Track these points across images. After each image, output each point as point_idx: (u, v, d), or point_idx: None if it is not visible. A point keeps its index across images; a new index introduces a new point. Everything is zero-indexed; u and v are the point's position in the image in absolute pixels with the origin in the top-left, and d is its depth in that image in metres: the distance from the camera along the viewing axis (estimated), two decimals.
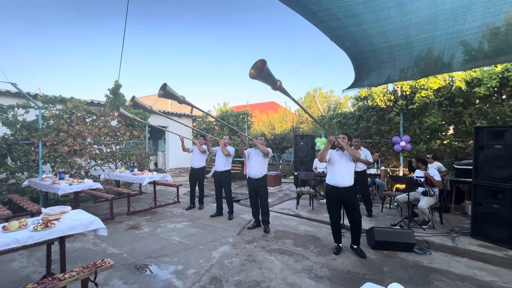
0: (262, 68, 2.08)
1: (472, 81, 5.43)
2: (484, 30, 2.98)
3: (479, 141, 3.82)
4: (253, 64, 2.16)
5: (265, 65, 2.07)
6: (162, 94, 2.50)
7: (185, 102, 2.66)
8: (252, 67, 2.16)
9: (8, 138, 5.44)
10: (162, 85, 2.50)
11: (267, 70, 2.08)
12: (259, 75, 2.09)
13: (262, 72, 2.06)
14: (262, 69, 2.06)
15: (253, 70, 2.15)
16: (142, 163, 7.73)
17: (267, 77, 2.14)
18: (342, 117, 7.66)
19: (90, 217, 2.52)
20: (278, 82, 2.24)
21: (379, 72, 4.27)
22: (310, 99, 16.76)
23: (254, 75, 2.14)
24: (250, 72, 2.17)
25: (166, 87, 2.49)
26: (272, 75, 2.19)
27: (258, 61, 2.15)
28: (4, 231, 2.12)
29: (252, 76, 2.16)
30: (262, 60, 2.13)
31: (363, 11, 2.73)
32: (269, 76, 2.14)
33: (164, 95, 2.51)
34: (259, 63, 2.13)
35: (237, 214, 5.17)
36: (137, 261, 3.22)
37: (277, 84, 2.22)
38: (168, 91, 2.50)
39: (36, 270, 3.01)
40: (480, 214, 3.73)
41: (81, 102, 6.46)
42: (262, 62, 2.11)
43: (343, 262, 3.19)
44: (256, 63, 2.15)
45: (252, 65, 2.17)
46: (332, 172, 3.42)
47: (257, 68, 2.13)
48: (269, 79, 2.18)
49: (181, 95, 2.64)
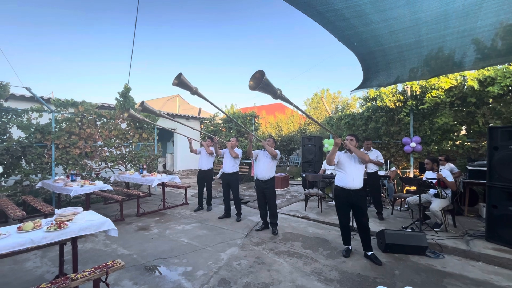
0: (260, 78, 2.08)
1: (485, 80, 5.29)
2: (497, 27, 2.90)
3: (493, 142, 3.71)
4: (251, 76, 2.17)
5: (263, 75, 2.08)
6: (177, 83, 2.57)
7: (198, 93, 2.71)
8: (251, 78, 2.17)
9: (22, 141, 5.61)
10: (177, 74, 2.58)
11: (266, 80, 2.08)
12: (259, 85, 2.10)
13: (261, 82, 2.07)
14: (261, 80, 2.07)
15: (252, 81, 2.16)
16: (151, 165, 7.83)
17: (266, 87, 2.15)
18: (351, 118, 7.57)
19: (101, 218, 2.56)
20: (278, 90, 2.24)
21: (388, 72, 4.21)
22: (318, 100, 16.68)
23: (253, 86, 2.14)
24: (249, 84, 2.18)
25: (180, 77, 2.55)
26: (272, 85, 2.19)
27: (256, 72, 2.16)
28: (19, 231, 2.18)
29: (251, 88, 2.16)
30: (260, 71, 2.14)
31: (371, 11, 2.70)
32: (268, 86, 2.15)
33: (178, 84, 2.57)
34: (257, 74, 2.14)
35: (245, 216, 5.17)
36: (146, 262, 3.25)
37: (277, 93, 2.23)
38: (182, 81, 2.57)
39: (49, 270, 3.08)
40: (495, 217, 3.62)
41: (92, 106, 6.60)
42: (260, 73, 2.12)
43: (353, 265, 3.14)
44: (254, 74, 2.16)
45: (250, 76, 2.17)
46: (341, 174, 3.38)
47: (256, 79, 2.14)
48: (269, 89, 2.19)
49: (194, 86, 2.69)
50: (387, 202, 5.84)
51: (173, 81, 2.63)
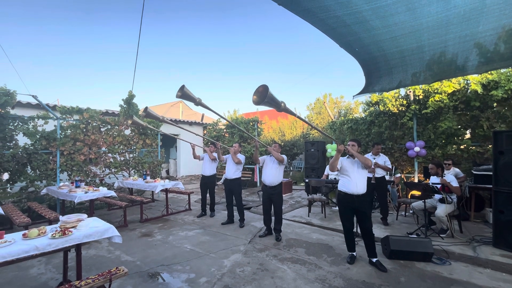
0: (265, 93, 2.09)
1: (488, 84, 5.27)
2: (499, 32, 2.90)
3: (499, 146, 3.68)
4: (255, 90, 2.17)
5: (267, 90, 2.08)
6: (180, 95, 2.59)
7: (201, 104, 2.74)
8: (254, 93, 2.17)
9: (28, 148, 5.68)
10: (181, 86, 2.60)
11: (270, 95, 2.09)
12: (263, 100, 2.10)
13: (265, 97, 2.08)
14: (265, 95, 2.07)
15: (256, 96, 2.16)
16: (154, 171, 7.86)
17: (271, 101, 2.16)
18: (353, 123, 7.56)
19: (105, 224, 2.58)
20: (282, 103, 2.25)
21: (391, 77, 4.21)
22: (320, 105, 16.68)
23: (257, 101, 2.15)
24: (253, 99, 2.18)
25: (184, 89, 2.58)
26: (275, 98, 2.20)
27: (259, 86, 2.17)
28: (24, 238, 2.20)
29: (256, 103, 2.17)
30: (263, 85, 2.15)
31: (372, 17, 2.72)
32: (272, 100, 2.16)
33: (182, 96, 2.60)
34: (260, 89, 2.15)
35: (248, 222, 5.15)
36: (149, 268, 3.24)
37: (281, 106, 2.24)
38: (185, 92, 2.60)
39: (53, 276, 3.08)
40: (502, 222, 3.56)
41: (96, 112, 6.68)
42: (263, 88, 2.13)
43: (358, 272, 3.10)
44: (257, 88, 2.16)
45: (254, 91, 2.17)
46: (344, 179, 3.37)
47: (260, 94, 2.14)
48: (273, 103, 2.19)
49: (198, 97, 2.71)
50: (391, 207, 5.78)
51: (177, 93, 2.66)
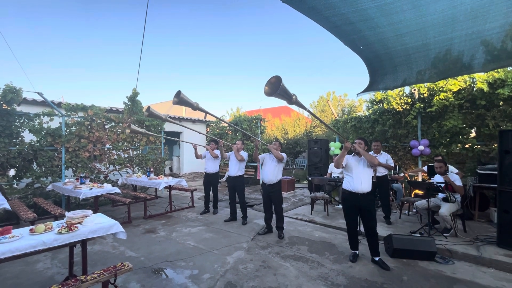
0: (277, 84, 2.04)
1: (495, 82, 5.20)
2: (507, 29, 2.86)
3: (504, 145, 3.64)
4: (267, 81, 2.12)
5: (280, 81, 2.03)
6: (177, 101, 2.57)
7: (199, 108, 2.72)
8: (266, 83, 2.12)
9: (34, 144, 5.75)
10: (176, 92, 2.56)
11: (282, 86, 2.03)
12: (275, 92, 2.04)
13: (278, 89, 2.02)
14: (278, 86, 2.02)
15: (268, 87, 2.11)
16: (157, 168, 7.91)
17: (283, 93, 2.10)
18: (357, 121, 7.52)
19: (110, 221, 2.61)
20: (294, 96, 2.20)
21: (395, 75, 4.18)
22: (324, 103, 16.60)
23: (269, 92, 2.10)
24: (265, 89, 2.13)
25: (180, 94, 2.55)
26: (288, 90, 2.14)
27: (272, 77, 2.11)
28: (31, 233, 2.24)
29: (267, 94, 2.11)
30: (276, 76, 2.09)
31: (377, 15, 2.69)
32: (284, 92, 2.10)
33: (179, 102, 2.57)
34: (273, 80, 2.09)
35: (251, 219, 5.17)
36: (153, 264, 3.28)
37: (292, 98, 2.19)
38: (182, 98, 2.57)
39: (59, 271, 3.14)
40: (507, 222, 3.54)
41: (101, 110, 6.74)
42: (276, 79, 2.07)
43: (360, 270, 3.11)
44: (270, 79, 2.11)
45: (266, 82, 2.12)
46: (349, 177, 3.36)
47: (272, 85, 2.09)
48: (285, 95, 2.14)
49: (195, 102, 2.69)
50: (394, 206, 5.76)
51: (173, 99, 2.60)
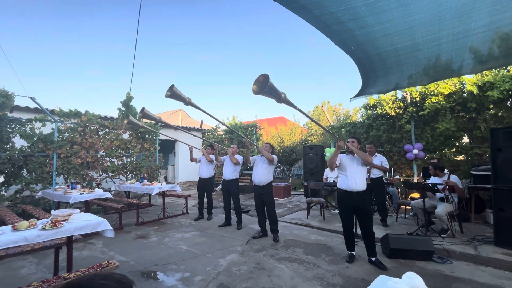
0: (265, 82, 2.04)
1: (484, 85, 5.31)
2: (492, 28, 2.94)
3: (496, 143, 3.67)
4: (255, 80, 2.11)
5: (268, 79, 2.03)
6: (169, 94, 2.56)
7: (191, 104, 2.71)
8: (255, 82, 2.12)
9: (24, 150, 5.65)
10: (170, 86, 2.56)
11: (270, 84, 2.04)
12: (263, 90, 2.05)
13: (265, 87, 2.03)
14: (266, 84, 2.02)
15: (256, 85, 2.11)
16: (152, 175, 7.79)
17: (271, 91, 2.10)
18: (351, 126, 7.58)
19: (97, 218, 2.52)
20: (283, 94, 2.20)
21: (387, 78, 4.23)
22: (319, 112, 16.75)
23: (257, 90, 2.10)
24: (253, 88, 2.13)
25: (173, 88, 2.55)
26: (276, 89, 2.14)
27: (260, 76, 2.11)
28: (13, 230, 2.15)
29: (255, 92, 2.11)
30: (264, 74, 2.09)
31: (366, 14, 2.75)
32: (272, 90, 2.10)
33: (171, 95, 2.56)
34: (261, 78, 2.09)
35: (246, 224, 5.06)
36: (143, 268, 3.16)
37: (281, 96, 2.18)
38: (174, 92, 2.56)
39: (44, 276, 2.99)
40: (503, 220, 3.51)
41: (94, 116, 6.69)
42: (264, 77, 2.07)
43: (357, 271, 3.03)
44: (258, 78, 2.11)
45: (254, 80, 2.11)
46: (344, 176, 3.33)
47: (260, 83, 2.10)
48: (273, 93, 2.13)
49: (187, 97, 2.69)
50: (391, 210, 5.71)
51: (166, 93, 2.59)
